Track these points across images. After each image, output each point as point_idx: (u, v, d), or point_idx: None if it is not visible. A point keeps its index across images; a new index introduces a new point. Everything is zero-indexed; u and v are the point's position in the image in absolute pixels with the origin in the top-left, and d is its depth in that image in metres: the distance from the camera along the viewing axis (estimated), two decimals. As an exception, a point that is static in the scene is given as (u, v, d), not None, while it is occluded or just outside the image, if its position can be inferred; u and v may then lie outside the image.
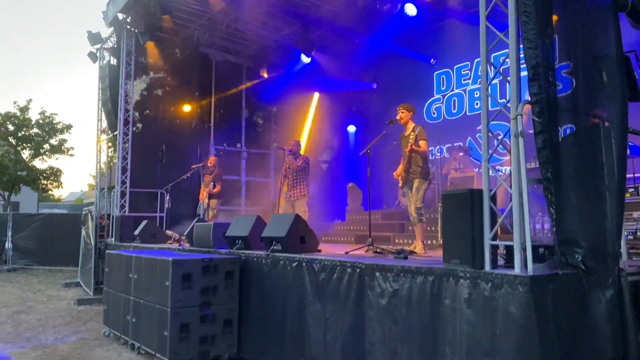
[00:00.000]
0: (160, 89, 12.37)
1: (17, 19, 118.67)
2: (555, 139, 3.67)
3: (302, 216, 8.76)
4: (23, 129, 28.90)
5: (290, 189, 9.08)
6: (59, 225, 17.76)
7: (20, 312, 9.56)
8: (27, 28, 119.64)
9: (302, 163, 9.09)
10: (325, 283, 5.07)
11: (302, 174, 9.07)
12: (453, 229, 3.99)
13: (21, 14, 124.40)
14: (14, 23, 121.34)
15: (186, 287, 5.95)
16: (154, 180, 11.73)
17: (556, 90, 3.73)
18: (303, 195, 9.01)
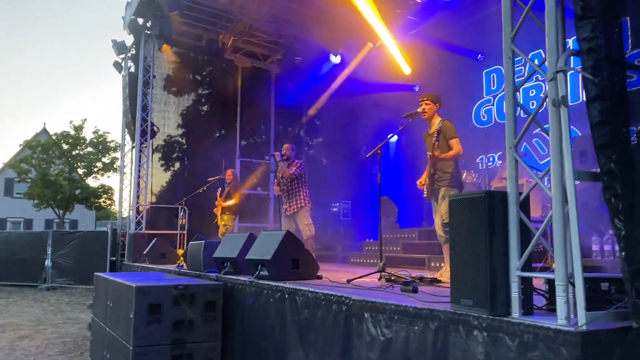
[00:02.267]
0: (182, 97, 11.59)
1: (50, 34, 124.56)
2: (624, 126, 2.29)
3: (306, 231, 7.57)
4: (77, 147, 29.40)
5: (286, 202, 7.87)
6: (97, 243, 17.39)
7: (24, 337, 8.86)
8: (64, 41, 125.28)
9: (296, 170, 7.81)
10: (308, 322, 3.83)
11: (297, 183, 7.81)
12: (463, 252, 2.67)
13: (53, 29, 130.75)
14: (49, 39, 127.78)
15: (154, 320, 4.86)
16: (174, 195, 10.87)
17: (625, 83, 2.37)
18: (302, 207, 7.75)
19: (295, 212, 7.73)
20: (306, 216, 7.71)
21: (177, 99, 11.61)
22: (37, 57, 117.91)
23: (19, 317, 11.03)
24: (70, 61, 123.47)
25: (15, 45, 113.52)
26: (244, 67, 12.41)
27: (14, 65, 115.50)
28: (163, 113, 11.35)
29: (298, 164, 7.91)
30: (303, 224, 7.64)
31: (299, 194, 7.77)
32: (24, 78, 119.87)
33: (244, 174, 11.91)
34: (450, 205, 2.76)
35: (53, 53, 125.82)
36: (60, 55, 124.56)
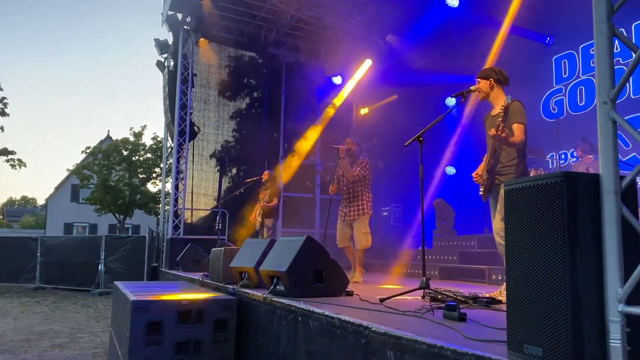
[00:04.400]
0: (223, 95, 11.00)
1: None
2: None
3: (362, 241, 6.66)
4: (137, 153, 29.85)
5: (346, 205, 6.94)
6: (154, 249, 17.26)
7: (56, 347, 8.45)
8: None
9: (361, 170, 6.86)
10: (322, 356, 2.95)
11: (360, 185, 6.88)
12: (526, 271, 1.71)
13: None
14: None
15: (153, 341, 4.12)
16: (214, 198, 10.27)
17: None
18: (363, 213, 6.81)
19: (355, 219, 6.81)
20: (366, 224, 6.79)
21: (217, 97, 11.04)
22: (103, 63, 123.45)
23: (61, 324, 10.77)
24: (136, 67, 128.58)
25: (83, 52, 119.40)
26: (288, 61, 11.67)
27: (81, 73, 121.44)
28: (203, 112, 10.81)
29: (363, 164, 6.93)
30: (360, 231, 6.72)
31: (361, 199, 6.84)
32: (92, 86, 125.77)
33: (288, 176, 11.17)
34: (507, 197, 1.81)
35: (119, 59, 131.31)
36: (126, 62, 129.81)
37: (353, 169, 6.82)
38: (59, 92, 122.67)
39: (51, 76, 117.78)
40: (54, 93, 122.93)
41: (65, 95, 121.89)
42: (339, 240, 7.02)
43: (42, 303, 14.22)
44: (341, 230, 6.96)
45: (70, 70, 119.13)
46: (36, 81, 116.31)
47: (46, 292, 17.00)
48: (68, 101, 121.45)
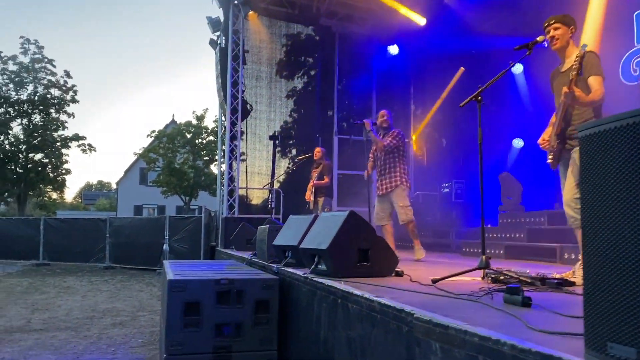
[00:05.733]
0: (275, 71, 10.72)
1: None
2: None
3: (402, 214, 6.25)
4: (200, 136, 30.39)
5: (380, 179, 6.55)
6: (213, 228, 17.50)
7: (117, 325, 8.60)
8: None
9: (393, 140, 6.46)
10: (362, 342, 2.59)
11: (393, 156, 6.47)
12: (611, 242, 1.25)
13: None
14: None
15: (192, 322, 3.92)
16: (268, 176, 10.09)
17: None
18: (398, 185, 6.40)
19: (390, 192, 6.46)
20: (403, 196, 6.42)
21: (269, 73, 10.79)
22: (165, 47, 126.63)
23: (124, 302, 11.03)
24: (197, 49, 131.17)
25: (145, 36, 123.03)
26: (342, 32, 11.18)
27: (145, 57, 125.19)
28: (255, 89, 10.59)
29: (395, 134, 6.58)
30: (398, 205, 6.37)
31: (394, 170, 6.48)
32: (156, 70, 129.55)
33: (342, 152, 10.79)
34: (584, 147, 1.36)
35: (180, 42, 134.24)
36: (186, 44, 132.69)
37: (383, 139, 6.45)
38: (124, 78, 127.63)
39: (116, 62, 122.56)
40: (120, 79, 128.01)
41: (131, 81, 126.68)
42: (376, 217, 6.67)
43: (110, 282, 14.71)
44: (378, 207, 6.62)
45: (134, 55, 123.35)
46: (102, 67, 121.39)
47: (115, 272, 17.64)
48: (135, 86, 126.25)
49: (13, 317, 8.86)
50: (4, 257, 19.71)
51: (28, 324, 8.37)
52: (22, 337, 7.34)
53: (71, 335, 7.63)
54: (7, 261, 19.49)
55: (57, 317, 8.97)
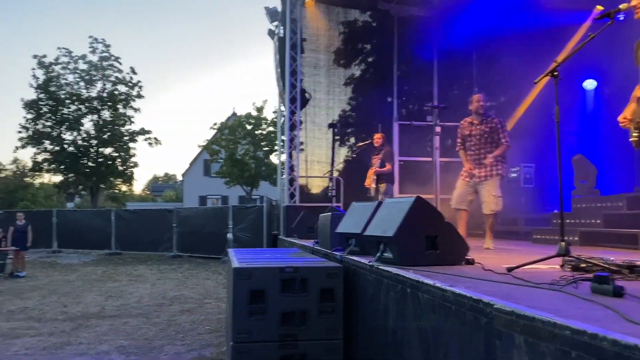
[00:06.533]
0: (333, 58, 10.60)
1: None
2: None
3: (492, 204, 6.00)
4: (259, 127, 30.81)
5: (475, 166, 6.24)
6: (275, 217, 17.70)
7: (185, 312, 8.87)
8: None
9: (494, 125, 6.15)
10: (435, 334, 2.47)
11: (492, 144, 6.16)
12: None
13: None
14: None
15: (257, 310, 3.91)
16: (328, 164, 10.03)
17: None
18: (495, 175, 6.12)
19: (485, 180, 6.16)
20: (496, 186, 6.16)
21: (328, 60, 10.68)
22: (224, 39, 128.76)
23: (191, 290, 11.36)
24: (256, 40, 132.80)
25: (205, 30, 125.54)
26: (401, 16, 10.89)
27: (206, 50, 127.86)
28: (313, 77, 10.52)
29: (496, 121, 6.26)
30: (491, 194, 6.08)
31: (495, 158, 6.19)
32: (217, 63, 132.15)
33: (403, 138, 10.56)
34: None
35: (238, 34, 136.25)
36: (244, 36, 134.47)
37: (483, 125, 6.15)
38: (186, 71, 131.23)
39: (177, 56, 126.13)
40: (181, 72, 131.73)
41: (193, 74, 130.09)
42: (456, 200, 6.40)
43: (177, 270, 15.21)
44: (462, 190, 6.33)
45: (194, 49, 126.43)
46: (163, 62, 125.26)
47: (182, 260, 18.23)
48: (196, 79, 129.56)
49: (89, 304, 9.31)
50: (80, 247, 20.82)
51: (102, 310, 8.76)
52: (97, 323, 7.69)
53: (142, 321, 7.91)
54: (82, 251, 20.57)
55: (129, 304, 9.34)
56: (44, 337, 6.72)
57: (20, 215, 14.67)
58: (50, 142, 30.98)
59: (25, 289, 11.21)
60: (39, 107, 30.61)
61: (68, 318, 8.00)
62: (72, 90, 31.07)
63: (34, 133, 30.72)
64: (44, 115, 30.84)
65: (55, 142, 30.90)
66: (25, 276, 13.09)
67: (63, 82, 30.92)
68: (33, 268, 14.79)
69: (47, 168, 32.19)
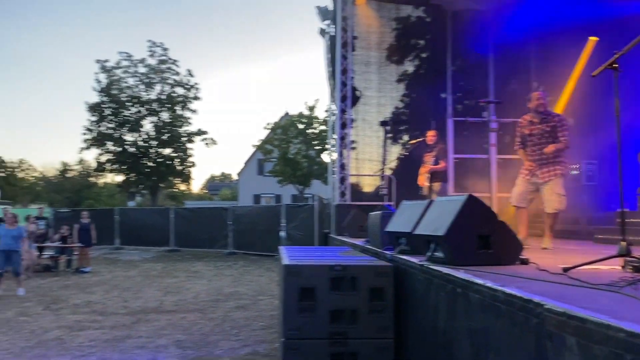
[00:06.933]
0: (385, 55, 10.53)
1: None
2: None
3: (555, 203, 5.80)
4: (311, 126, 31.01)
5: (537, 166, 6.02)
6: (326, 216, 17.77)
7: (240, 308, 9.06)
8: None
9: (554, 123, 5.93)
10: (485, 334, 2.42)
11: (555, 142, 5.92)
12: None
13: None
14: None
15: (307, 307, 3.96)
16: (380, 162, 9.99)
17: None
18: (559, 174, 5.90)
19: (548, 180, 5.94)
20: (560, 184, 5.94)
21: (379, 58, 10.62)
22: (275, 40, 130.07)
23: (246, 287, 11.58)
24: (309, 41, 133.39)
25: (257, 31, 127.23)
26: (455, 10, 10.67)
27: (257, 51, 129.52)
28: (364, 75, 10.48)
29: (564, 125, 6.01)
30: (554, 192, 5.85)
31: (557, 156, 5.98)
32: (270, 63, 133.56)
33: (457, 135, 10.34)
34: None
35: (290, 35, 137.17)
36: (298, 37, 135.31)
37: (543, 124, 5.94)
38: (241, 72, 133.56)
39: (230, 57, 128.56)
40: (237, 73, 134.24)
41: (246, 75, 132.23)
42: (516, 198, 6.21)
43: (233, 267, 15.55)
44: (523, 187, 6.12)
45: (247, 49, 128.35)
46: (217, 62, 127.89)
47: (237, 257, 18.61)
48: (251, 79, 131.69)
49: (149, 299, 9.67)
50: (141, 244, 21.63)
51: (161, 305, 9.08)
52: (156, 318, 7.97)
53: (198, 317, 8.14)
54: (143, 248, 21.35)
55: (186, 300, 9.63)
56: (106, 330, 7.03)
57: (84, 214, 15.40)
58: (113, 144, 32.35)
59: (89, 283, 11.76)
60: (102, 109, 32.03)
61: (129, 312, 8.33)
62: (133, 93, 32.33)
63: (97, 135, 32.18)
64: (107, 117, 32.25)
65: (117, 143, 32.25)
66: (90, 272, 13.73)
67: (124, 85, 32.23)
68: (97, 264, 15.50)
69: (110, 168, 33.66)
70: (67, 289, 10.92)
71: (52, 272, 13.60)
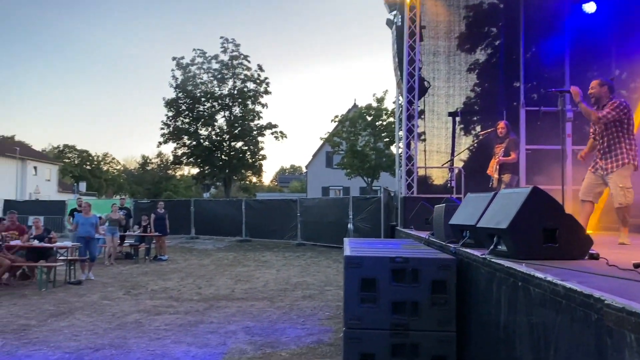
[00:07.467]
0: (454, 44, 10.30)
1: None
2: None
3: (620, 197, 5.47)
4: (379, 118, 30.83)
5: (601, 157, 5.71)
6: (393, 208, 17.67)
7: (307, 297, 9.25)
8: None
9: (612, 111, 5.53)
10: (546, 329, 2.37)
11: (617, 131, 5.56)
12: None
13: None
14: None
15: (368, 298, 4.01)
16: (448, 154, 9.82)
17: None
18: (622, 164, 5.55)
19: (612, 172, 5.63)
20: (625, 176, 5.55)
21: (447, 47, 10.38)
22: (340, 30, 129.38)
23: (313, 277, 11.79)
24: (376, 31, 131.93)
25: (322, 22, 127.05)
26: (528, -7, 10.25)
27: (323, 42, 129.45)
28: (432, 65, 10.29)
29: (614, 104, 5.65)
30: (617, 186, 5.54)
31: (619, 147, 5.56)
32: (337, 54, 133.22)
33: (530, 126, 9.96)
34: None
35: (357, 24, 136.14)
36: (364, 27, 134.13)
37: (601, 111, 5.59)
38: (309, 65, 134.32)
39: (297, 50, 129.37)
40: (304, 66, 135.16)
41: (314, 66, 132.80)
42: (582, 191, 5.92)
43: (301, 258, 15.85)
44: (589, 182, 5.84)
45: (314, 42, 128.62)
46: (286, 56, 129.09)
47: (305, 248, 18.92)
48: (319, 72, 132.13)
49: (220, 287, 10.07)
50: (215, 234, 22.46)
51: (232, 293, 9.43)
52: (227, 304, 8.31)
53: (267, 304, 8.40)
54: (216, 237, 22.17)
55: (255, 288, 9.95)
56: (180, 315, 7.41)
57: (160, 204, 16.20)
58: (188, 138, 33.70)
59: (166, 271, 12.39)
60: (178, 105, 33.41)
61: (202, 299, 8.73)
62: (207, 88, 33.47)
63: (174, 129, 33.62)
64: (183, 112, 33.60)
65: (192, 137, 33.57)
66: (166, 259, 14.46)
67: (198, 81, 33.42)
68: (173, 252, 16.29)
69: (186, 161, 35.10)
70: (145, 275, 11.58)
71: (133, 260, 14.44)
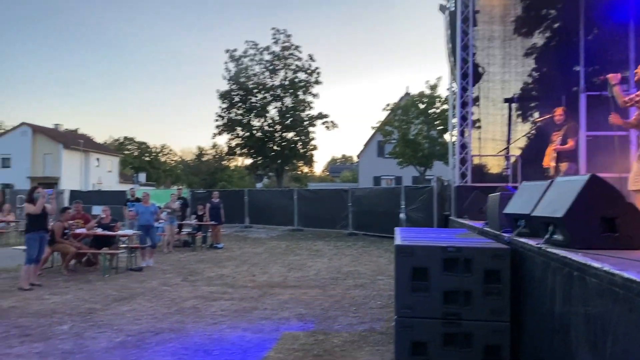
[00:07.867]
0: (510, 28, 9.98)
1: None
2: None
3: None
4: (433, 106, 30.29)
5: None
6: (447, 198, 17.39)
7: (358, 286, 9.30)
8: None
9: (637, 96, 5.32)
10: (602, 320, 2.32)
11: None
12: None
13: None
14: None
15: (420, 287, 4.01)
16: (504, 143, 9.59)
17: None
18: None
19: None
20: None
21: (503, 32, 10.06)
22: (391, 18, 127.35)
23: (365, 266, 11.80)
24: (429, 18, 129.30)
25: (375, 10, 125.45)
26: (588, -25, 9.80)
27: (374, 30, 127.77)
28: (487, 50, 10.01)
29: None
30: None
31: None
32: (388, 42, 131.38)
33: (591, 111, 9.53)
34: None
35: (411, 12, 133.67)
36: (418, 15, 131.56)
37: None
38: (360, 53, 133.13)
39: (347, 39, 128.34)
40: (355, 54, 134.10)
41: (367, 55, 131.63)
42: (630, 181, 5.68)
43: (352, 247, 15.89)
44: (634, 169, 5.59)
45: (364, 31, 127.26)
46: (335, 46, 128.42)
47: (357, 238, 18.94)
48: (370, 60, 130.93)
49: (274, 274, 10.27)
50: (268, 223, 22.84)
51: (285, 280, 9.60)
52: (280, 292, 8.47)
53: (319, 293, 8.50)
54: (269, 227, 22.54)
55: (308, 277, 10.08)
56: (235, 301, 7.62)
57: (215, 194, 16.62)
58: (242, 129, 34.29)
59: (222, 258, 12.73)
60: (232, 97, 34.01)
61: (256, 286, 8.93)
62: (259, 80, 33.89)
63: (227, 121, 34.28)
64: (236, 104, 34.20)
65: (245, 128, 34.14)
66: (222, 248, 14.84)
67: (251, 73, 33.88)
68: (229, 241, 16.69)
69: (239, 152, 35.76)
70: (202, 262, 11.94)
71: (190, 248, 14.91)
